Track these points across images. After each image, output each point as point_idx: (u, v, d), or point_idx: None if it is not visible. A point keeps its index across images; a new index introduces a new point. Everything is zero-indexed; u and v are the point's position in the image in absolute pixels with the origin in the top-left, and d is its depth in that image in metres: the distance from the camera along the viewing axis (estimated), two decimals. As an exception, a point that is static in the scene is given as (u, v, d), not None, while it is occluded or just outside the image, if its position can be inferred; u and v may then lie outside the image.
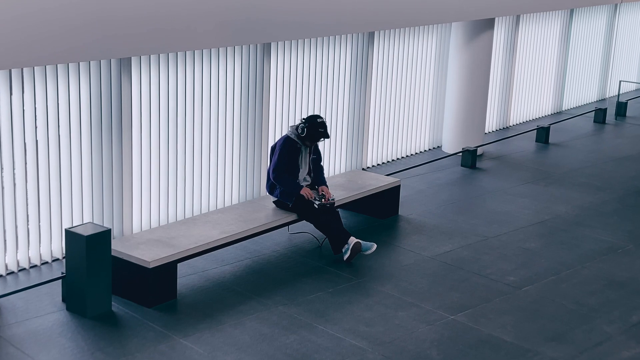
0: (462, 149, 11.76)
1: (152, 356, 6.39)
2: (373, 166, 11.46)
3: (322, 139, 8.36)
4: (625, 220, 9.78)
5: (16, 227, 7.63)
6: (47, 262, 7.91)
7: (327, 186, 8.50)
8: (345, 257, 8.22)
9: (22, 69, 7.31)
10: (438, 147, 12.51)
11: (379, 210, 9.49)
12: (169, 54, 8.37)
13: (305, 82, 10.08)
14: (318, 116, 8.35)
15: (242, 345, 6.61)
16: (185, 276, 7.76)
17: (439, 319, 7.20)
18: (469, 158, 11.62)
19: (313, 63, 10.13)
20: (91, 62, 7.77)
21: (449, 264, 8.34)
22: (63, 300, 7.15)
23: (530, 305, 7.52)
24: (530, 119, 14.65)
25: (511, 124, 14.15)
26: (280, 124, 9.79)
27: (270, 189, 8.44)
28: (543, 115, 14.96)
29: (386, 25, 10.14)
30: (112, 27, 7.16)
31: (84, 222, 7.67)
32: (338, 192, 8.96)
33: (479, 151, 12.15)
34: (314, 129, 8.29)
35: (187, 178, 8.86)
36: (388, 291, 7.68)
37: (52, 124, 7.66)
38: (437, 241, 8.92)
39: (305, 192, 8.26)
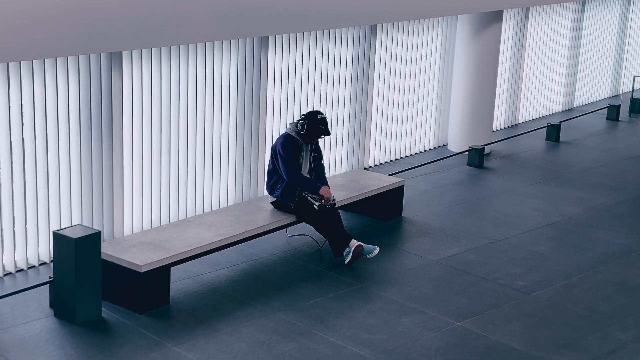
0: (469, 147, 11.76)
1: (144, 365, 6.40)
2: (375, 165, 11.46)
3: (323, 136, 8.37)
4: (640, 222, 9.79)
5: (2, 229, 7.63)
6: (34, 266, 7.91)
7: (328, 186, 8.50)
8: (347, 260, 8.22)
9: (7, 64, 7.31)
10: (443, 145, 12.51)
11: (382, 211, 9.49)
12: (162, 48, 8.36)
13: (305, 78, 10.08)
14: (318, 112, 8.36)
15: (239, 353, 6.61)
16: (179, 281, 7.76)
17: (444, 325, 7.20)
18: (476, 157, 11.63)
19: (313, 58, 10.13)
20: (80, 57, 7.77)
21: (455, 268, 8.34)
22: (51, 305, 7.14)
23: (540, 311, 7.52)
24: (540, 116, 14.65)
25: (520, 122, 14.15)
26: (278, 122, 9.79)
27: (271, 189, 8.43)
28: (553, 112, 14.96)
29: (389, 18, 10.13)
30: (102, 19, 7.16)
31: (73, 224, 7.67)
32: (339, 193, 8.96)
33: (487, 150, 12.15)
34: (314, 125, 8.29)
35: (180, 178, 8.86)
36: (391, 296, 7.68)
37: (39, 122, 7.66)
38: (442, 244, 8.92)
39: (325, 191, 8.25)
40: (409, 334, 7.03)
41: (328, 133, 8.36)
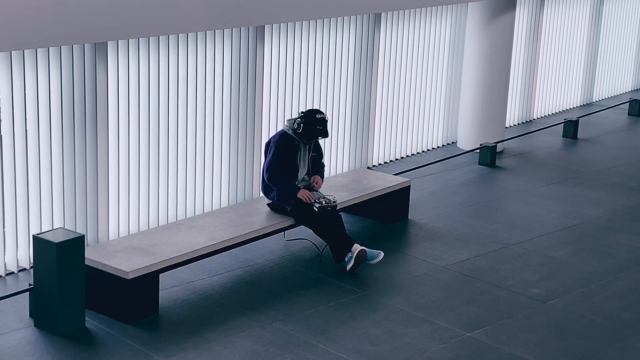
0: (480, 145, 11.76)
1: (130, 378, 6.40)
2: (380, 164, 11.47)
3: (319, 137, 8.35)
4: (664, 225, 9.79)
5: (-22, 233, 7.64)
6: (12, 273, 7.91)
7: (321, 176, 8.47)
8: (349, 266, 8.22)
9: (-16, 56, 7.32)
10: (453, 143, 12.52)
11: (387, 214, 9.49)
12: (150, 38, 8.36)
13: (304, 71, 10.09)
14: (318, 111, 8.34)
15: (232, 366, 6.62)
16: (168, 288, 7.76)
17: (454, 336, 7.19)
18: (488, 155, 11.63)
19: (312, 49, 10.13)
20: (62, 47, 7.76)
21: (465, 275, 8.34)
22: (31, 315, 7.14)
23: (556, 321, 7.52)
24: (557, 111, 14.66)
25: (535, 117, 14.17)
26: (275, 118, 9.80)
27: (266, 190, 8.43)
28: (571, 108, 14.97)
29: (394, 5, 10.13)
30: (86, 7, 7.15)
31: (54, 228, 7.67)
32: (341, 194, 8.96)
33: (499, 147, 12.16)
34: (310, 125, 8.28)
35: (170, 178, 8.86)
36: (396, 305, 7.68)
37: (18, 118, 7.66)
38: (451, 249, 8.92)
39: (304, 194, 8.25)
40: (416, 345, 7.03)
41: (325, 135, 8.33)
